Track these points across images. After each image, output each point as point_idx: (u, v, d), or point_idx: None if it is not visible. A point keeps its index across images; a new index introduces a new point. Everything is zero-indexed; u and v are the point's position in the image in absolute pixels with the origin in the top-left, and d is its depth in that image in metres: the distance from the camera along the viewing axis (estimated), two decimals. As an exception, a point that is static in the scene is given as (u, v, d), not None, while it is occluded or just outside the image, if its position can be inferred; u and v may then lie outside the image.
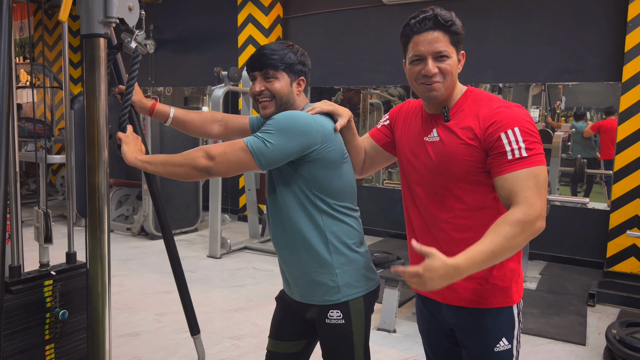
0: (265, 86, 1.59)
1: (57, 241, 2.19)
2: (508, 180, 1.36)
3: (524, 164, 1.35)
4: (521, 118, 1.39)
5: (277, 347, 1.74)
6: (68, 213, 2.02)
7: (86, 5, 1.45)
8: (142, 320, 3.61)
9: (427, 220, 1.55)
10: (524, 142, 1.36)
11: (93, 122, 1.53)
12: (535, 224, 1.31)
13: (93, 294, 1.56)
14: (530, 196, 1.32)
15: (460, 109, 1.49)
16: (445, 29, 1.42)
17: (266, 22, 6.53)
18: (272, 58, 1.58)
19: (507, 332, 1.51)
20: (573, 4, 4.97)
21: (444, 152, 1.47)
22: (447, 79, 1.45)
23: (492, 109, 1.42)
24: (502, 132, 1.38)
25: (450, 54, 1.44)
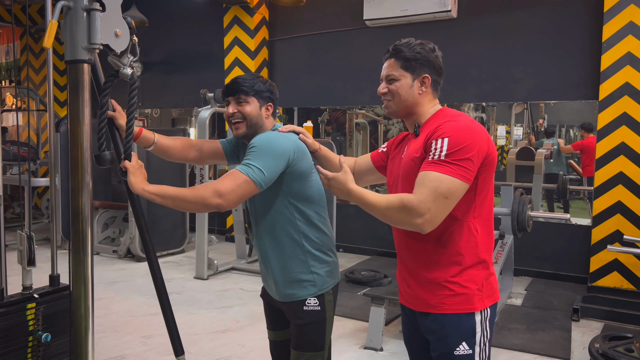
0: (237, 109, 1.83)
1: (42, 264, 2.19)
2: (419, 177, 1.49)
3: (436, 167, 1.46)
4: (457, 131, 1.49)
5: (277, 336, 2.01)
6: (52, 236, 2.03)
7: (70, 31, 1.48)
8: (129, 343, 3.58)
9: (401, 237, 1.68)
10: (448, 150, 1.47)
11: (77, 145, 1.55)
12: (412, 216, 1.44)
13: (76, 317, 1.56)
14: (424, 193, 1.44)
15: (427, 125, 1.62)
16: (395, 56, 1.66)
17: (252, 45, 6.62)
18: (243, 85, 1.83)
19: (468, 337, 1.56)
20: (551, 25, 5.12)
21: (404, 163, 1.64)
22: (396, 97, 1.65)
23: (439, 123, 1.56)
24: (434, 140, 1.51)
25: (399, 77, 1.64)
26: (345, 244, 6.26)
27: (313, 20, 6.46)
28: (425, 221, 1.43)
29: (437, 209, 1.43)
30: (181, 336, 1.97)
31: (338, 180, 1.57)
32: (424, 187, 1.45)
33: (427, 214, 1.43)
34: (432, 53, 1.66)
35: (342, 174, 1.57)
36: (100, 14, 1.46)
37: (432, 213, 1.43)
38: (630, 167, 4.54)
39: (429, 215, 1.43)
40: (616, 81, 4.57)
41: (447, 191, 1.44)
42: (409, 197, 1.46)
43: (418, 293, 1.62)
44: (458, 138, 1.48)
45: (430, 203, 1.43)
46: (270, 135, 1.77)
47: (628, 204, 4.56)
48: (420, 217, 1.43)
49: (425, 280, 1.60)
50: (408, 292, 1.68)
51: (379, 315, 3.53)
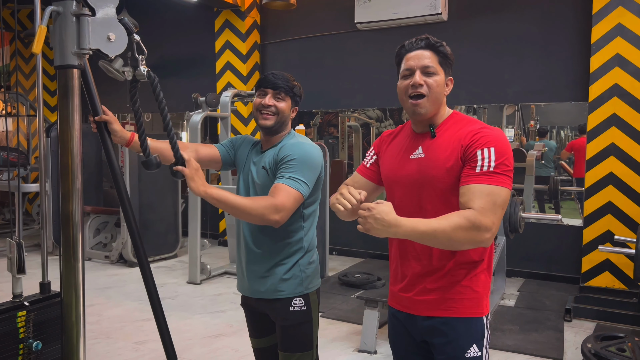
0: (274, 103, 1.93)
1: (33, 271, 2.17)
2: (471, 189, 1.45)
3: (489, 180, 1.44)
4: (499, 141, 1.49)
5: (262, 343, 2.03)
6: (42, 242, 2.01)
7: (59, 36, 1.48)
8: (121, 350, 3.56)
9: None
10: (495, 160, 1.45)
11: (67, 150, 1.54)
12: (481, 232, 1.39)
13: (67, 324, 1.55)
14: (486, 208, 1.41)
15: (445, 128, 1.59)
16: (434, 49, 1.58)
17: (244, 49, 6.62)
18: (286, 84, 1.95)
19: (478, 339, 1.57)
20: (541, 28, 5.16)
21: (427, 167, 1.56)
22: (432, 94, 1.56)
23: (474, 130, 1.52)
24: (479, 149, 1.47)
25: (438, 72, 1.57)
26: (338, 246, 6.26)
27: (304, 24, 6.47)
28: (492, 235, 1.41)
29: (498, 221, 1.43)
30: (174, 341, 1.96)
31: (382, 210, 1.39)
32: (483, 201, 1.41)
33: (493, 227, 1.41)
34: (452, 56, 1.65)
35: (385, 205, 1.41)
36: (91, 19, 1.46)
37: (496, 226, 1.42)
38: (621, 168, 4.58)
39: (494, 228, 1.42)
40: (605, 83, 4.61)
41: (503, 203, 1.44)
42: (473, 213, 1.40)
43: (425, 297, 1.59)
44: (502, 148, 1.47)
45: (493, 216, 1.41)
46: (305, 147, 1.87)
47: (618, 204, 4.60)
48: (488, 231, 1.40)
49: (436, 284, 1.58)
50: (406, 296, 1.64)
51: (372, 318, 3.53)
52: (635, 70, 4.49)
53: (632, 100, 4.51)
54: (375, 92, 6.15)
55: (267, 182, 1.87)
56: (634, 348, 3.02)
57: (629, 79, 4.51)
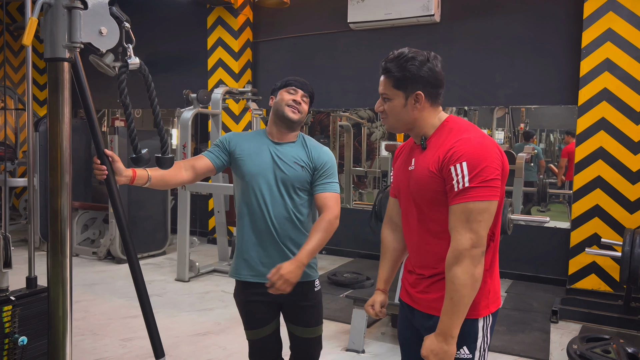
0: (302, 101, 2.15)
1: (19, 266, 2.14)
2: (450, 212, 1.52)
3: (462, 197, 1.48)
4: (474, 152, 1.49)
5: (267, 331, 2.16)
6: (29, 237, 1.99)
7: (50, 29, 1.46)
8: (107, 346, 3.53)
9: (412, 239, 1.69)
10: (469, 174, 1.47)
11: (56, 144, 1.52)
12: (466, 255, 1.47)
13: (53, 319, 1.54)
14: (459, 230, 1.48)
15: (435, 137, 1.62)
16: (386, 74, 1.63)
17: (236, 46, 6.60)
18: (311, 91, 2.20)
19: (469, 342, 1.58)
20: (532, 31, 5.20)
21: (415, 179, 1.62)
22: (390, 117, 1.65)
23: (452, 142, 1.54)
24: (451, 166, 1.50)
25: (391, 96, 1.62)
26: (328, 246, 6.22)
27: (297, 22, 6.46)
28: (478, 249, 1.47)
29: (477, 234, 1.47)
30: (162, 339, 1.95)
31: (428, 346, 1.54)
32: (457, 222, 1.49)
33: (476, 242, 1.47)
34: (423, 67, 1.59)
35: (425, 340, 1.56)
36: (83, 12, 1.44)
37: (478, 239, 1.47)
38: (608, 172, 4.63)
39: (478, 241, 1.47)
40: (595, 87, 4.66)
41: (479, 215, 1.47)
42: (451, 245, 1.49)
43: (423, 295, 1.64)
44: (475, 159, 1.48)
45: (469, 233, 1.47)
46: (331, 153, 2.20)
47: (606, 207, 4.64)
48: (473, 248, 1.47)
49: (433, 283, 1.61)
50: (412, 291, 1.69)
51: (361, 317, 3.53)
52: (625, 75, 4.54)
53: (621, 104, 4.56)
54: (367, 92, 6.16)
55: (300, 175, 2.10)
56: (618, 350, 3.06)
57: (618, 83, 4.56)
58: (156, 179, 1.96)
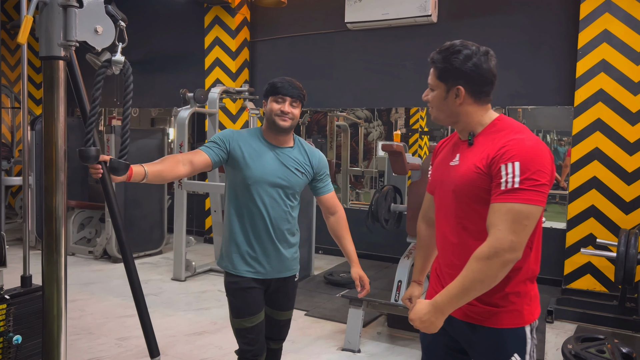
0: (291, 110, 2.17)
1: (14, 265, 2.14)
2: (492, 210, 1.46)
3: (510, 197, 1.43)
4: (527, 154, 1.44)
5: (257, 319, 2.28)
6: (24, 236, 1.99)
7: (45, 27, 1.46)
8: (103, 346, 3.53)
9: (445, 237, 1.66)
10: (520, 176, 1.42)
11: (51, 143, 1.52)
12: (502, 256, 1.41)
13: (48, 318, 1.53)
14: (501, 229, 1.42)
15: (484, 136, 1.58)
16: (433, 64, 1.63)
17: (233, 45, 6.60)
18: (301, 94, 2.20)
19: (519, 349, 1.56)
20: (528, 32, 5.21)
21: (459, 174, 1.58)
22: (433, 107, 1.65)
23: (504, 141, 1.49)
24: (503, 164, 1.45)
25: (434, 87, 1.62)
26: (324, 245, 6.26)
27: (294, 22, 6.46)
28: (517, 254, 1.43)
29: (520, 239, 1.43)
30: (158, 338, 1.96)
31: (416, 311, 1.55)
32: (501, 223, 1.42)
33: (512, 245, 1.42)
34: (467, 61, 1.57)
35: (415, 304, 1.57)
36: (79, 10, 1.44)
37: (519, 244, 1.43)
38: (604, 172, 4.64)
39: (518, 246, 1.42)
40: (591, 88, 4.67)
41: (524, 217, 1.42)
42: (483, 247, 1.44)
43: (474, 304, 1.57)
44: (529, 162, 1.43)
45: (512, 235, 1.41)
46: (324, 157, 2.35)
47: (601, 208, 4.66)
48: (509, 252, 1.42)
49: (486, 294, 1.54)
50: None
51: (357, 317, 3.54)
52: (620, 76, 4.55)
53: (617, 105, 4.58)
54: (364, 93, 6.16)
55: (300, 181, 2.24)
56: (613, 350, 3.07)
57: (614, 84, 4.58)
58: (153, 174, 1.93)
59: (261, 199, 2.16)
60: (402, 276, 4.12)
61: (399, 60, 5.85)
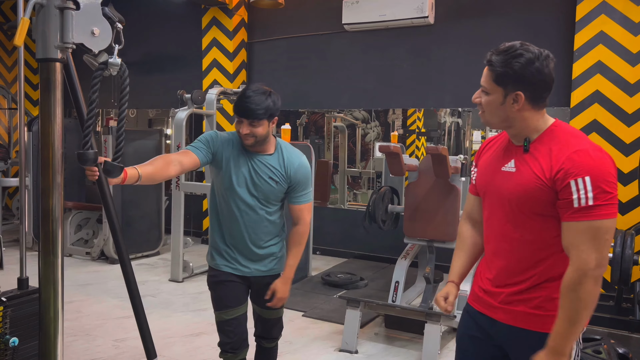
0: (251, 130, 2.14)
1: (11, 266, 2.14)
2: (569, 229, 1.43)
3: (587, 215, 1.39)
4: (596, 167, 1.40)
5: (242, 309, 2.35)
6: (21, 237, 1.99)
7: (42, 29, 1.46)
8: (100, 347, 3.52)
9: (497, 243, 1.63)
10: (592, 191, 1.38)
11: (48, 144, 1.52)
12: (591, 275, 1.40)
13: (45, 320, 1.53)
14: (584, 250, 1.40)
15: (541, 143, 1.52)
16: (489, 66, 1.55)
17: (231, 46, 6.60)
18: (258, 111, 2.11)
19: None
20: (525, 33, 5.22)
21: (516, 183, 1.53)
22: (486, 112, 1.56)
23: (569, 152, 1.44)
24: (572, 179, 1.40)
25: (490, 91, 1.54)
26: (321, 246, 6.27)
27: (292, 23, 6.47)
28: (603, 268, 1.42)
29: (602, 254, 1.42)
30: (155, 339, 1.96)
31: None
32: (581, 244, 1.40)
33: (601, 262, 1.41)
34: (530, 66, 1.49)
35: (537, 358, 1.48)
36: (75, 12, 1.44)
37: (603, 259, 1.42)
38: (600, 173, 4.66)
39: (603, 261, 1.42)
40: (587, 89, 4.69)
41: (604, 233, 1.41)
42: (569, 274, 1.42)
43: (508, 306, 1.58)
44: (599, 174, 1.39)
45: (595, 252, 1.40)
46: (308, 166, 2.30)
47: (598, 208, 4.67)
48: (597, 269, 1.41)
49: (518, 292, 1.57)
50: (491, 300, 1.63)
51: (354, 317, 3.54)
52: (616, 77, 4.57)
53: (613, 106, 4.59)
54: (361, 93, 6.17)
55: (275, 190, 2.24)
56: (609, 350, 3.08)
57: (610, 85, 4.60)
58: (146, 176, 1.99)
59: (236, 204, 2.24)
60: (399, 277, 4.13)
61: (396, 61, 5.86)
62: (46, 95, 1.50)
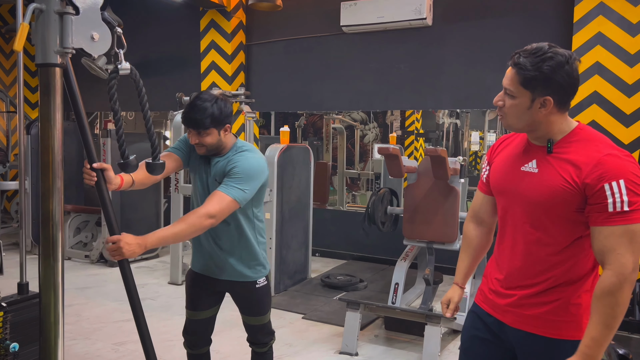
0: (199, 139, 2.13)
1: (11, 269, 2.13)
2: (603, 233, 1.40)
3: (623, 219, 1.38)
4: (629, 170, 1.39)
5: (208, 313, 2.43)
6: (20, 242, 1.99)
7: (41, 34, 1.46)
8: (100, 351, 3.52)
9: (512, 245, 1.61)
10: (627, 195, 1.37)
11: (48, 148, 1.52)
12: (630, 279, 1.39)
13: (45, 325, 1.53)
14: (622, 253, 1.38)
15: (565, 145, 1.49)
16: (517, 69, 1.48)
17: (229, 49, 6.60)
18: (203, 121, 2.08)
19: None
20: (523, 34, 5.23)
21: (540, 184, 1.50)
22: (509, 116, 1.52)
23: (598, 155, 1.42)
24: (606, 183, 1.39)
25: (516, 94, 1.49)
26: (321, 248, 6.26)
27: (290, 26, 6.47)
28: (637, 275, 1.42)
29: (636, 257, 1.40)
30: (155, 342, 1.95)
31: None
32: (619, 247, 1.38)
33: (635, 265, 1.40)
34: (560, 69, 1.44)
35: None
36: (74, 17, 1.44)
37: (635, 262, 1.41)
38: (599, 174, 4.66)
39: (635, 265, 1.40)
40: (585, 90, 4.70)
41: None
42: (608, 278, 1.39)
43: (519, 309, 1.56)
44: (632, 178, 1.38)
45: (631, 256, 1.39)
46: (253, 160, 2.15)
47: (596, 209, 4.68)
48: (633, 273, 1.39)
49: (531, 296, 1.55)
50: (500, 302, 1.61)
51: (354, 319, 3.54)
52: (615, 78, 4.58)
53: (611, 107, 4.60)
54: (359, 95, 6.18)
55: None
56: (609, 351, 3.08)
57: (608, 86, 4.60)
58: (138, 182, 2.07)
59: (197, 203, 2.26)
60: (399, 279, 4.13)
61: (394, 63, 5.87)
62: (46, 99, 1.50)
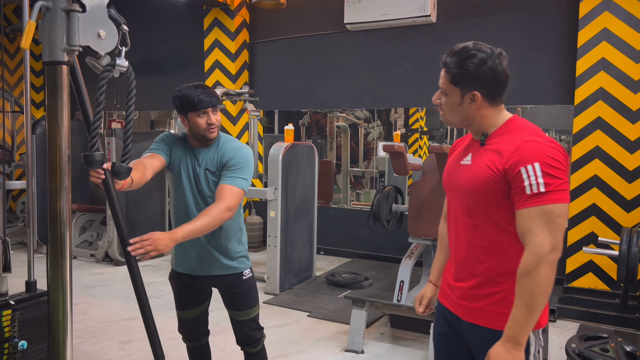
0: (215, 119, 2.21)
1: (18, 269, 2.14)
2: (522, 216, 1.45)
3: (539, 200, 1.42)
4: (544, 153, 1.43)
5: (197, 311, 2.48)
6: (28, 241, 1.99)
7: (48, 32, 1.46)
8: (106, 349, 3.53)
9: (455, 236, 1.66)
10: (542, 177, 1.41)
11: (55, 147, 1.52)
12: (547, 259, 1.41)
13: (53, 323, 1.53)
14: (538, 234, 1.42)
15: (497, 137, 1.57)
16: (445, 68, 1.59)
17: (232, 47, 6.60)
18: (215, 98, 2.21)
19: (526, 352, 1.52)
20: (528, 31, 5.22)
21: (470, 174, 1.58)
22: (445, 112, 1.62)
23: (518, 142, 1.48)
24: (522, 167, 1.44)
25: (448, 92, 1.58)
26: (325, 246, 6.26)
27: (294, 24, 6.47)
28: (557, 252, 1.43)
29: (556, 238, 1.43)
30: (161, 341, 1.95)
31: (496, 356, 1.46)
32: (535, 228, 1.42)
33: (553, 245, 1.42)
34: (482, 65, 1.53)
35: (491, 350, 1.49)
36: (81, 15, 1.44)
37: (557, 242, 1.43)
38: (605, 171, 4.64)
39: (557, 245, 1.43)
40: (591, 86, 4.67)
41: (557, 217, 1.42)
42: (525, 259, 1.43)
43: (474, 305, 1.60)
44: (548, 161, 1.43)
45: (547, 236, 1.42)
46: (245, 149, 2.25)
47: (602, 206, 4.66)
48: (552, 253, 1.42)
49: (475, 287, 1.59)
50: (453, 295, 1.67)
51: (360, 317, 3.54)
52: (620, 74, 4.56)
53: (617, 103, 4.58)
54: (363, 93, 6.17)
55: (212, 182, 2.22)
56: (617, 348, 3.07)
57: (614, 82, 4.58)
58: (135, 183, 2.07)
59: (184, 200, 2.26)
60: (404, 276, 4.13)
61: (398, 60, 5.86)
62: (53, 98, 1.50)
